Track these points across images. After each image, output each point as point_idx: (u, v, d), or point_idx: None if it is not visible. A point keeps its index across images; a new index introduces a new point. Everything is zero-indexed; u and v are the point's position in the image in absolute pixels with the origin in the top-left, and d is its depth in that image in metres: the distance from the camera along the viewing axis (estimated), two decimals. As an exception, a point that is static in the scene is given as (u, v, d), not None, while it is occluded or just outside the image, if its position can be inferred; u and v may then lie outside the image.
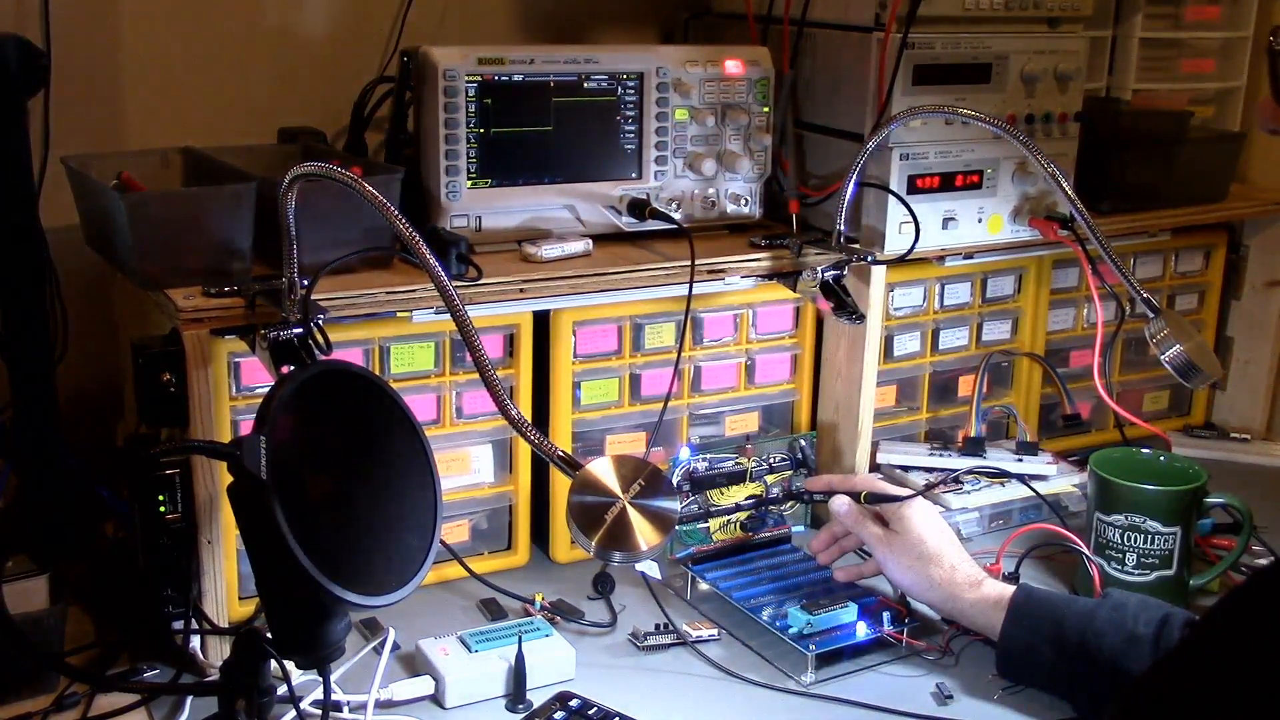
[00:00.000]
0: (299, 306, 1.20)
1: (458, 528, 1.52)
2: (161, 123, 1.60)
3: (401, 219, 1.06)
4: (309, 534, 1.03)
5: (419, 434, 1.18)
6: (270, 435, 1.04)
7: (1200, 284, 1.96)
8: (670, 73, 1.49)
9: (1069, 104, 1.61)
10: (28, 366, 1.43)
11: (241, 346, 1.27)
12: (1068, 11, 1.60)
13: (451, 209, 1.41)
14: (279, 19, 1.68)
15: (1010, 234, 1.63)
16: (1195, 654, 0.76)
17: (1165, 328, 1.41)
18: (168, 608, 1.27)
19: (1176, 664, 0.78)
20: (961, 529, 1.61)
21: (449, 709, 1.27)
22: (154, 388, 1.23)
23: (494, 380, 1.02)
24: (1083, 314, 1.87)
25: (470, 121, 1.39)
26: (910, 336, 1.72)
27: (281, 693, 1.18)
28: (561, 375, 1.51)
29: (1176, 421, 2.00)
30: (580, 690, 1.29)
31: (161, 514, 1.24)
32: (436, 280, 1.04)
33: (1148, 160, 1.76)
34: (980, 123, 1.38)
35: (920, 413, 1.77)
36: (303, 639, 1.10)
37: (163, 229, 1.26)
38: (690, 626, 1.41)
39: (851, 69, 1.54)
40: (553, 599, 1.46)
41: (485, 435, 1.50)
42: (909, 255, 1.54)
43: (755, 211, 1.59)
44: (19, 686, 1.24)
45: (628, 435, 1.57)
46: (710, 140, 1.53)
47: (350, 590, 1.05)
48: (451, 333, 1.43)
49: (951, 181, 1.57)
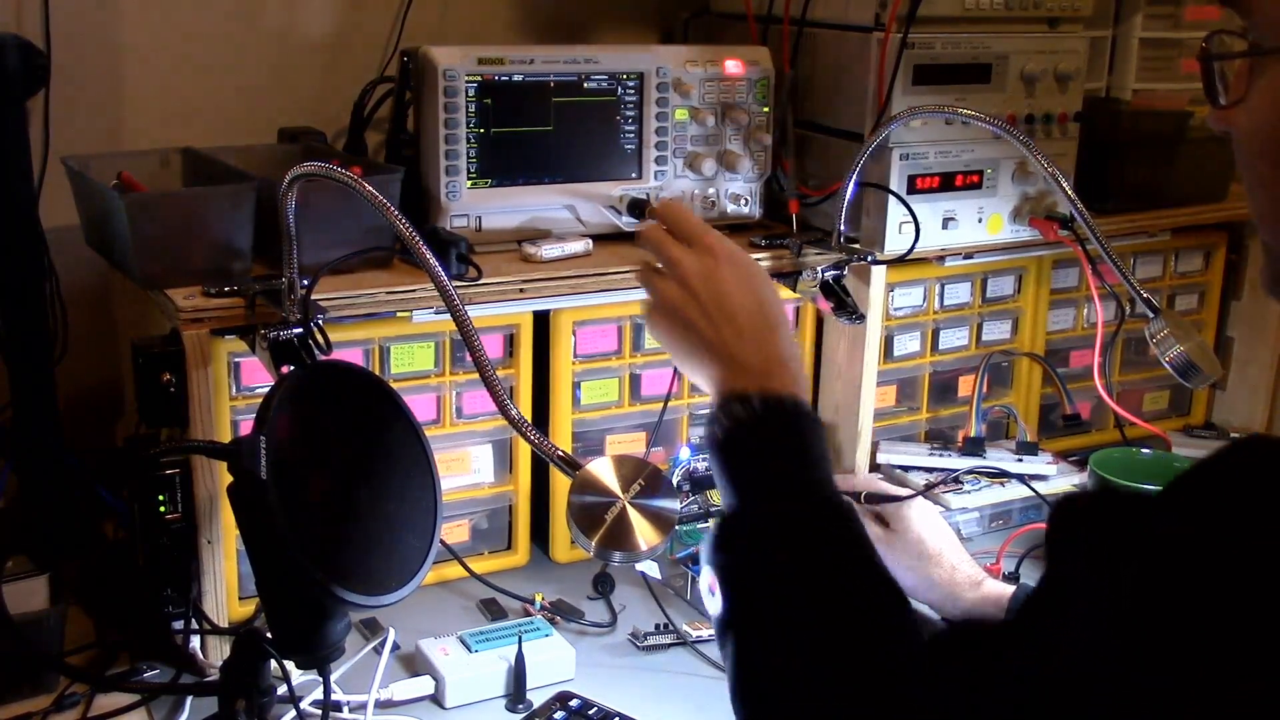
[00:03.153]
0: (299, 306, 1.20)
1: (458, 528, 1.52)
2: (161, 123, 1.60)
3: (401, 219, 1.06)
4: (309, 534, 1.03)
5: (419, 434, 1.18)
6: (270, 435, 1.04)
7: (1200, 284, 1.96)
8: (670, 73, 1.49)
9: (1069, 104, 1.61)
10: (28, 366, 1.43)
11: (241, 346, 1.27)
12: (1068, 11, 1.60)
13: (451, 209, 1.41)
14: (279, 19, 1.68)
15: (1010, 234, 1.63)
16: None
17: (1165, 328, 1.41)
18: (168, 608, 1.27)
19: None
20: (961, 529, 1.61)
21: (449, 709, 1.27)
22: (154, 388, 1.23)
23: (494, 380, 1.02)
24: (1083, 314, 1.87)
25: (470, 121, 1.39)
26: (910, 336, 1.72)
27: (281, 693, 1.18)
28: (561, 375, 1.51)
29: (1176, 421, 2.00)
30: (580, 690, 1.29)
31: (161, 514, 1.24)
32: (436, 280, 1.04)
33: (1148, 160, 1.75)
34: (980, 123, 1.38)
35: (920, 413, 1.77)
36: (303, 639, 1.10)
37: (163, 229, 1.26)
38: (690, 626, 1.41)
39: (851, 69, 1.54)
40: (553, 599, 1.46)
41: (485, 435, 1.50)
42: (909, 255, 1.54)
43: (755, 211, 1.59)
44: (19, 686, 1.24)
45: (628, 435, 1.57)
46: (710, 140, 1.53)
47: (350, 590, 1.05)
48: (451, 333, 1.43)
49: (951, 181, 1.57)
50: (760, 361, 0.98)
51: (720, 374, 1.00)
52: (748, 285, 1.03)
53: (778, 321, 1.02)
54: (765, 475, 0.93)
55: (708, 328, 1.01)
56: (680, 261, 1.05)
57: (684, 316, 1.03)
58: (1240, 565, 0.58)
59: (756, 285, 1.04)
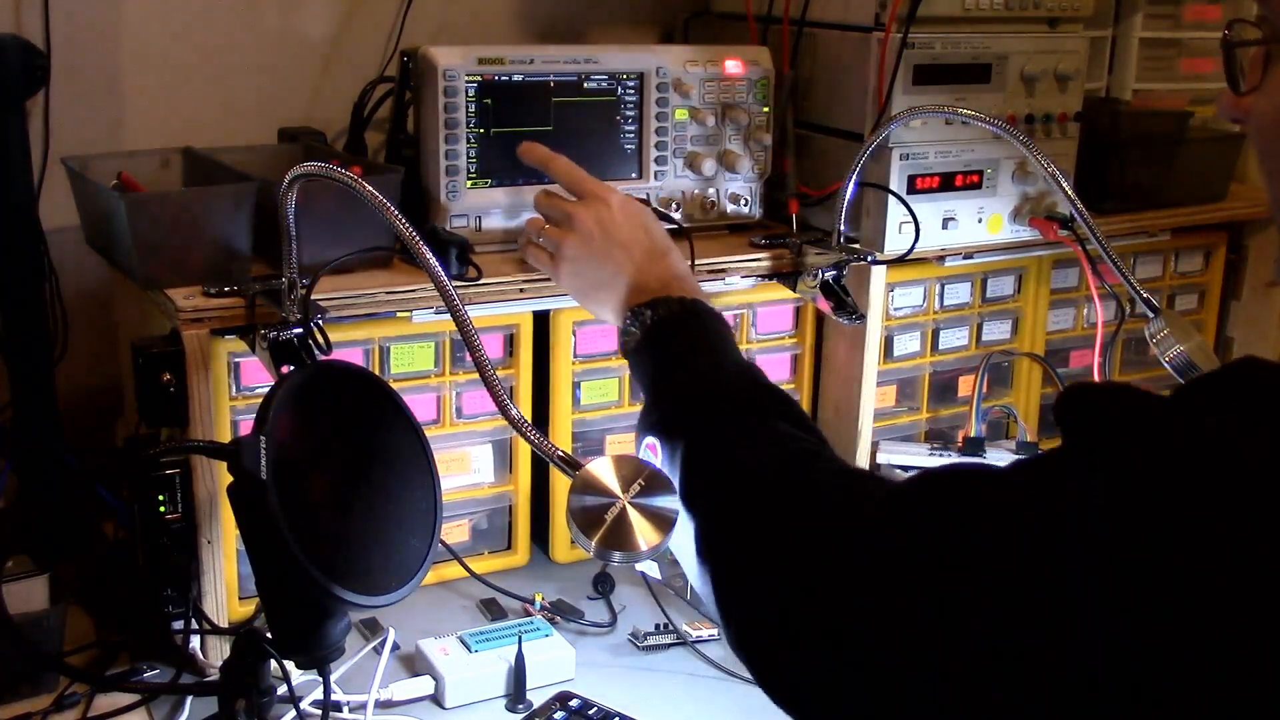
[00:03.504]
0: (299, 306, 1.20)
1: (458, 528, 1.52)
2: (161, 123, 1.60)
3: (401, 219, 1.06)
4: (309, 534, 1.03)
5: (419, 434, 1.18)
6: (270, 435, 1.04)
7: (1200, 284, 1.96)
8: (670, 73, 1.49)
9: (1069, 104, 1.61)
10: (28, 366, 1.44)
11: (241, 346, 1.27)
12: (1068, 11, 1.60)
13: (451, 209, 1.41)
14: (279, 19, 1.68)
15: (1010, 234, 1.63)
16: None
17: (1165, 328, 1.41)
18: (168, 608, 1.27)
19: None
20: (961, 529, 1.61)
21: (449, 709, 1.27)
22: (154, 388, 1.23)
23: (494, 380, 1.02)
24: (1083, 314, 1.87)
25: (470, 121, 1.39)
26: (910, 336, 1.72)
27: (281, 693, 1.18)
28: (561, 375, 1.51)
29: (1176, 421, 2.00)
30: (580, 690, 1.29)
31: (161, 514, 1.24)
32: (436, 280, 1.04)
33: (1148, 160, 1.75)
34: (980, 123, 1.38)
35: (920, 413, 1.77)
36: (303, 639, 1.10)
37: (163, 229, 1.26)
38: (690, 626, 1.41)
39: (851, 69, 1.54)
40: (553, 599, 1.46)
41: (485, 435, 1.50)
42: (909, 255, 1.54)
43: (755, 211, 1.59)
44: (19, 686, 1.24)
45: (628, 435, 1.56)
46: (710, 140, 1.53)
47: (350, 590, 1.05)
48: (451, 333, 1.43)
49: (951, 181, 1.57)
50: (657, 282, 1.11)
51: (624, 299, 1.12)
52: (636, 221, 1.18)
53: (667, 248, 1.17)
54: (674, 360, 1.04)
55: (608, 262, 1.15)
56: (575, 213, 1.20)
57: (586, 258, 1.17)
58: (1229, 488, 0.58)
59: (643, 220, 1.19)
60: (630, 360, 1.10)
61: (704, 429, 0.95)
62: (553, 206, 1.25)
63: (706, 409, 0.97)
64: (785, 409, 0.97)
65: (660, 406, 1.01)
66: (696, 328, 1.07)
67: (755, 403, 0.97)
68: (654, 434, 0.98)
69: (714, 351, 1.04)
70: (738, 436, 0.93)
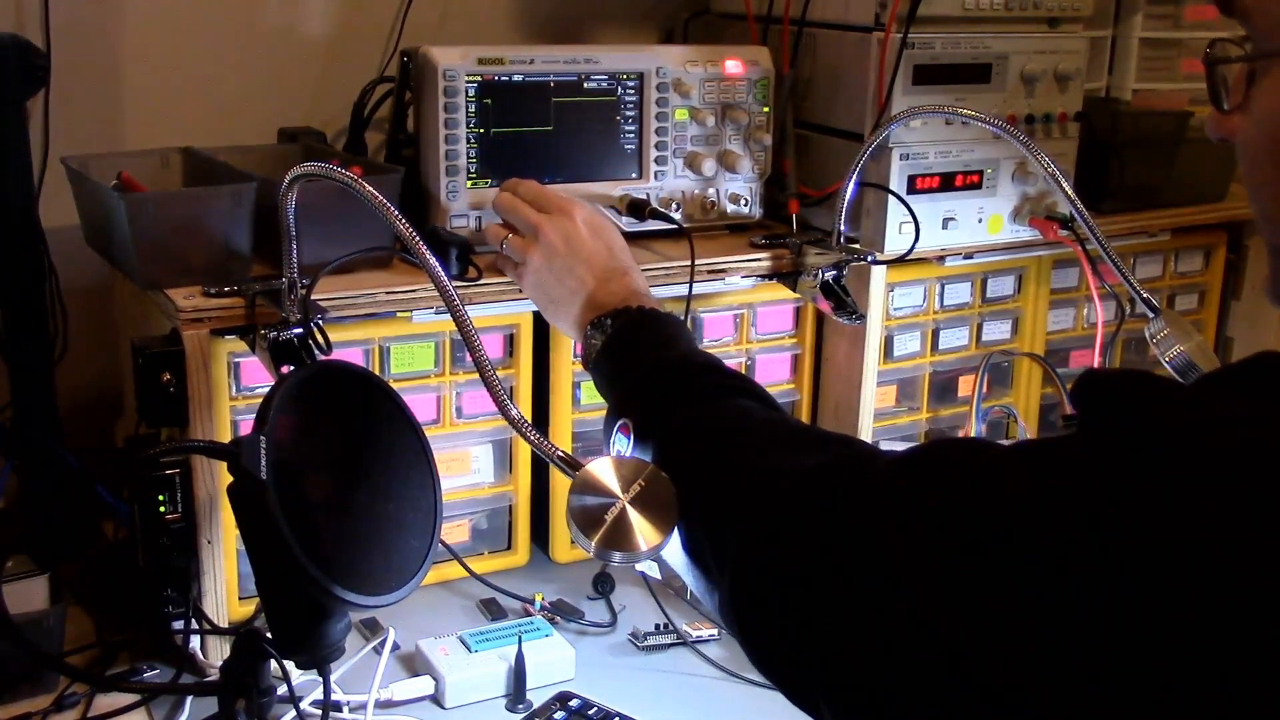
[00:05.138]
0: (299, 306, 1.20)
1: (458, 528, 1.52)
2: (161, 123, 1.60)
3: (401, 219, 1.06)
4: (309, 534, 1.03)
5: (419, 434, 1.18)
6: (270, 435, 1.04)
7: (1200, 284, 1.96)
8: (670, 73, 1.49)
9: (1069, 104, 1.61)
10: (28, 366, 1.44)
11: (241, 346, 1.27)
12: (1068, 11, 1.60)
13: (451, 209, 1.41)
14: (278, 19, 1.68)
15: (1010, 234, 1.63)
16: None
17: (1165, 328, 1.41)
18: (168, 608, 1.27)
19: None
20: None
21: (449, 709, 1.27)
22: (154, 388, 1.23)
23: (494, 380, 1.02)
24: (1083, 314, 1.87)
25: (470, 121, 1.39)
26: (910, 336, 1.72)
27: (281, 693, 1.18)
28: (561, 375, 1.51)
29: (1176, 421, 2.00)
30: (580, 690, 1.29)
31: (161, 514, 1.24)
32: (436, 280, 1.04)
33: (1148, 160, 1.76)
34: (980, 123, 1.38)
35: (920, 413, 1.77)
36: (303, 639, 1.10)
37: (163, 229, 1.26)
38: (690, 626, 1.41)
39: (851, 69, 1.54)
40: (553, 599, 1.46)
41: (485, 435, 1.50)
42: (909, 255, 1.54)
43: (755, 211, 1.59)
44: (19, 686, 1.24)
45: (628, 435, 1.56)
46: (710, 140, 1.53)
47: (350, 590, 1.04)
48: (451, 333, 1.43)
49: (951, 182, 1.57)
50: (617, 299, 1.13)
51: (585, 313, 1.14)
52: (599, 236, 1.20)
53: (628, 266, 1.18)
54: (639, 355, 1.06)
55: (568, 278, 1.17)
56: (541, 225, 1.21)
57: (548, 271, 1.19)
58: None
59: (607, 235, 1.21)
60: (592, 370, 1.11)
61: (678, 408, 0.97)
62: (517, 215, 1.25)
63: (680, 389, 0.99)
64: (752, 389, 1.00)
65: (628, 396, 1.03)
66: (657, 328, 1.09)
67: (725, 385, 1.00)
68: (624, 420, 1.00)
69: (676, 344, 1.07)
70: (711, 408, 0.96)
